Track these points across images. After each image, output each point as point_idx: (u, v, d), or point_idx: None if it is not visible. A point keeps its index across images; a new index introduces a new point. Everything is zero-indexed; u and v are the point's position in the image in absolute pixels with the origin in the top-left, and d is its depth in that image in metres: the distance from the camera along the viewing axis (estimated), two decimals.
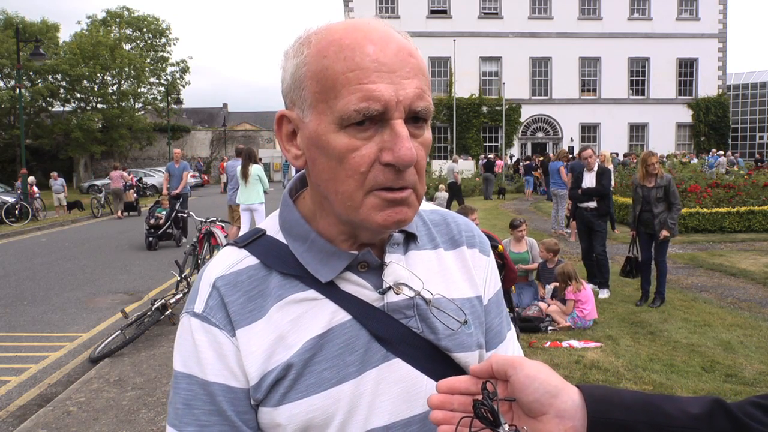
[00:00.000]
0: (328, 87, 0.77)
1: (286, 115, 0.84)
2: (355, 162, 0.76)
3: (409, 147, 0.75)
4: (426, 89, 0.79)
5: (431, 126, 0.86)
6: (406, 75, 0.77)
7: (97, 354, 5.61)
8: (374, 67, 0.75)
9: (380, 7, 37.69)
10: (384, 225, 0.79)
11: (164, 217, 12.66)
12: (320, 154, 0.80)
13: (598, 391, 0.71)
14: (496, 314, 0.98)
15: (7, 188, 23.51)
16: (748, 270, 8.87)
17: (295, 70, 0.81)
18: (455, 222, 0.99)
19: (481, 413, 0.69)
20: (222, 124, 48.53)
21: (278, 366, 0.81)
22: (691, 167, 18.60)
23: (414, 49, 0.81)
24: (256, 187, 9.39)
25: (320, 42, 0.79)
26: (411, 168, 0.78)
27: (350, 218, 0.80)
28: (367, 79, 0.75)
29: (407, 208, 0.80)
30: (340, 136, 0.77)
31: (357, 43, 0.76)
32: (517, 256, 6.89)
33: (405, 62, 0.77)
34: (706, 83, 38.56)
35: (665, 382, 4.63)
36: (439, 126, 37.50)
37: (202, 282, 0.87)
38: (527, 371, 0.70)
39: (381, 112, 0.75)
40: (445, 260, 0.94)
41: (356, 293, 0.85)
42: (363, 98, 0.74)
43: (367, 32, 0.78)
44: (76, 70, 34.23)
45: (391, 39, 0.78)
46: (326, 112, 0.77)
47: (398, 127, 0.76)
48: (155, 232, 12.60)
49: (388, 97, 0.75)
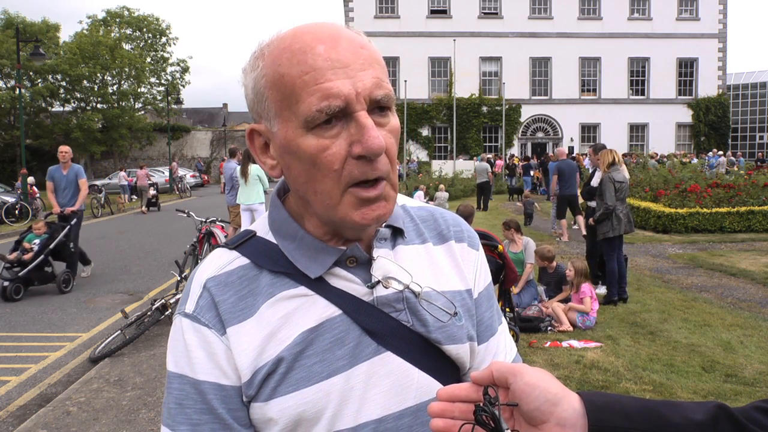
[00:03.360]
0: (288, 93, 0.78)
1: (256, 129, 0.86)
2: (328, 160, 0.78)
3: (377, 136, 0.77)
4: (383, 77, 0.80)
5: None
6: (360, 67, 0.78)
7: (97, 354, 5.61)
8: (328, 65, 0.76)
9: (380, 7, 37.69)
10: (361, 223, 0.81)
11: (37, 247, 8.31)
12: (293, 160, 0.81)
13: (599, 398, 0.70)
14: (487, 307, 0.98)
15: (7, 188, 23.50)
16: (748, 270, 8.87)
17: (255, 84, 0.83)
18: (443, 217, 1.00)
19: (482, 419, 0.69)
20: (222, 124, 48.55)
21: (269, 361, 0.82)
22: (691, 167, 18.62)
23: (366, 42, 0.82)
24: (256, 187, 9.38)
25: (273, 52, 0.80)
26: (383, 156, 0.79)
27: (330, 217, 0.82)
28: (323, 77, 0.76)
29: (384, 202, 0.81)
30: (308, 139, 0.78)
31: (307, 45, 0.78)
32: (514, 256, 6.78)
33: (357, 55, 0.78)
34: (706, 83, 38.58)
35: (665, 382, 4.62)
36: (439, 126, 37.52)
37: (193, 283, 0.88)
38: (528, 379, 0.70)
39: (343, 108, 0.76)
40: (434, 254, 0.94)
41: (346, 288, 0.86)
42: (323, 97, 0.76)
43: (316, 33, 0.79)
44: (76, 70, 34.22)
45: (340, 36, 0.79)
46: (291, 118, 0.79)
47: (363, 119, 0.77)
48: (17, 273, 8.06)
49: (346, 91, 0.76)
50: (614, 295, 7.02)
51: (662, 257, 10.21)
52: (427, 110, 37.18)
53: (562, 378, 4.69)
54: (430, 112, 37.27)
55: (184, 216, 8.90)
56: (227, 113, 56.88)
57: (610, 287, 7.06)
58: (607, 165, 7.31)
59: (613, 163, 7.28)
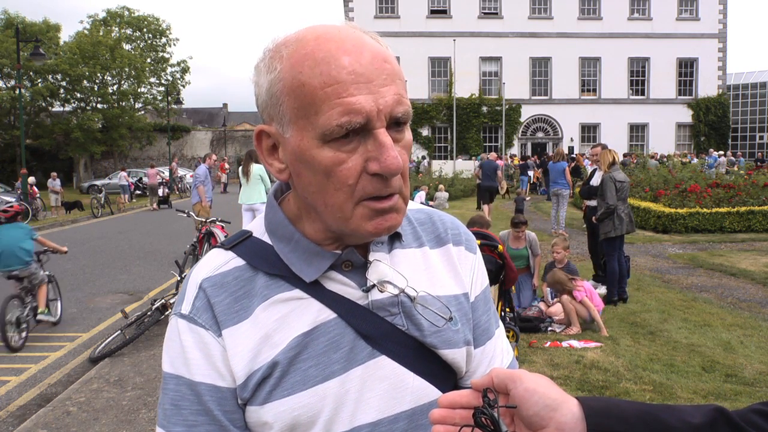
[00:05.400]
0: (307, 103, 0.76)
1: (266, 130, 0.85)
2: (343, 175, 0.77)
3: (395, 156, 0.76)
4: (404, 93, 0.79)
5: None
6: (383, 83, 0.76)
7: (97, 354, 5.62)
8: (351, 80, 0.75)
9: (380, 7, 37.71)
10: (374, 233, 0.80)
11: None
12: (305, 169, 0.80)
13: (598, 403, 0.71)
14: (484, 311, 0.98)
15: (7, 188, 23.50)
16: (748, 270, 8.87)
17: (270, 86, 0.80)
18: (441, 220, 0.99)
19: (480, 422, 0.69)
20: (222, 124, 48.52)
21: (264, 364, 0.82)
22: (691, 167, 18.62)
23: (388, 54, 0.80)
24: (258, 187, 9.37)
25: (292, 56, 0.78)
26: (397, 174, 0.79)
27: (341, 228, 0.82)
28: (346, 92, 0.74)
29: (396, 214, 0.81)
30: (324, 151, 0.77)
31: (331, 55, 0.76)
32: (516, 253, 6.87)
33: (381, 70, 0.77)
34: (706, 83, 38.58)
35: (665, 382, 4.62)
36: (439, 126, 37.51)
37: (189, 284, 0.88)
38: (527, 384, 0.70)
39: (363, 124, 0.75)
40: (430, 258, 0.94)
41: (341, 292, 0.86)
42: (344, 112, 0.74)
43: (340, 42, 0.77)
44: (76, 70, 34.19)
45: (364, 47, 0.77)
46: (308, 128, 0.77)
47: (382, 137, 0.76)
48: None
49: (369, 108, 0.75)
50: (614, 295, 7.03)
51: (662, 257, 10.22)
52: (427, 110, 37.15)
53: (562, 378, 4.69)
54: (430, 112, 37.24)
55: (184, 216, 8.90)
56: (227, 113, 56.88)
57: (610, 287, 7.07)
58: (607, 165, 7.33)
59: (614, 162, 7.33)
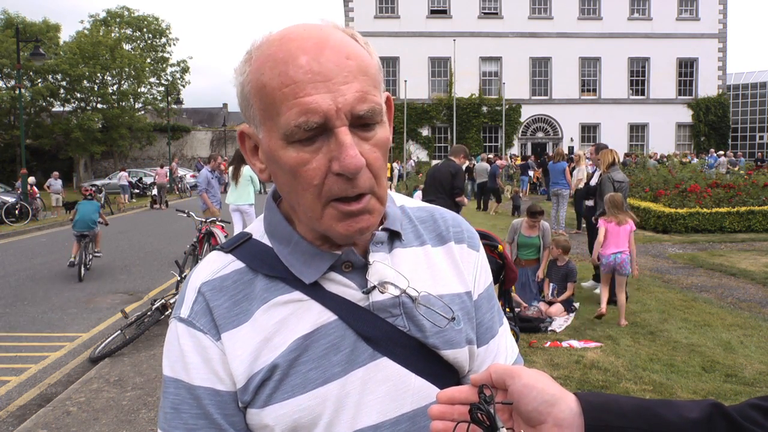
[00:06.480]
0: (269, 104, 0.77)
1: (246, 132, 0.86)
2: (308, 175, 0.77)
3: (354, 155, 0.74)
4: (369, 89, 0.77)
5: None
6: (343, 80, 0.75)
7: (97, 354, 5.62)
8: (308, 79, 0.74)
9: (380, 7, 37.69)
10: (346, 235, 0.80)
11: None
12: (277, 169, 0.81)
13: (596, 398, 0.71)
14: (487, 309, 0.97)
15: (7, 188, 23.48)
16: (748, 270, 8.88)
17: (242, 89, 0.81)
18: (443, 218, 0.98)
19: (476, 417, 0.69)
20: (222, 124, 48.50)
21: (264, 367, 0.81)
22: (690, 167, 18.62)
23: (353, 50, 0.78)
24: (247, 189, 9.39)
25: (258, 58, 0.78)
26: (365, 173, 0.77)
27: (315, 228, 0.82)
28: (303, 92, 0.74)
29: (369, 216, 0.80)
30: (288, 152, 0.77)
31: (290, 55, 0.75)
32: (528, 241, 7.03)
33: (341, 67, 0.75)
34: (706, 83, 38.59)
35: (665, 382, 4.62)
36: (439, 126, 37.51)
37: (188, 287, 0.87)
38: (525, 380, 0.70)
39: (322, 124, 0.74)
40: (432, 257, 0.93)
41: (341, 293, 0.85)
42: (301, 112, 0.74)
43: (301, 42, 0.76)
44: (76, 70, 34.17)
45: (325, 45, 0.76)
46: (273, 129, 0.78)
47: (342, 136, 0.75)
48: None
49: (326, 107, 0.74)
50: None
51: (662, 257, 10.22)
52: (427, 110, 37.17)
53: (562, 378, 4.69)
54: (430, 112, 37.25)
55: (184, 216, 8.90)
56: (227, 113, 56.82)
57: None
58: (607, 165, 7.33)
59: (613, 163, 7.34)
